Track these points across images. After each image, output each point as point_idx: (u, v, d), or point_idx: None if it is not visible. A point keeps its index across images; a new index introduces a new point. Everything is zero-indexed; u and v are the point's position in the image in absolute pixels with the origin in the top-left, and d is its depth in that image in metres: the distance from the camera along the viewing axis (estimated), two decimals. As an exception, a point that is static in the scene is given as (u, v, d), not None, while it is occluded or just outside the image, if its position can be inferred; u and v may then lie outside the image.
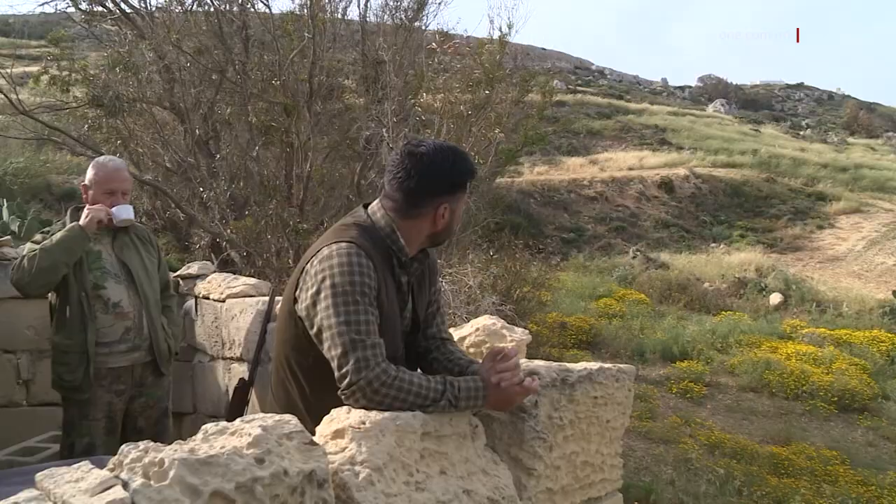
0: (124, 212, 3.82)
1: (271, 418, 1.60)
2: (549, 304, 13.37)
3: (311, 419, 1.95)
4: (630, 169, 34.97)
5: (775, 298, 18.24)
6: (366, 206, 2.36)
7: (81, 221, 3.71)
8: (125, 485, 1.35)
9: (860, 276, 25.27)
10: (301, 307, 2.15)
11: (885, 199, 36.70)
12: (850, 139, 57.94)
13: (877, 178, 39.70)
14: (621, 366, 2.33)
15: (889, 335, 14.74)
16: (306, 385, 2.23)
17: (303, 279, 2.16)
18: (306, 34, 8.13)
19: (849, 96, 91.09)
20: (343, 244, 2.13)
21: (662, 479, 8.30)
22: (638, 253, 22.14)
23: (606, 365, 2.31)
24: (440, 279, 7.49)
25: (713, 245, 28.16)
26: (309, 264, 2.16)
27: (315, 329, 2.09)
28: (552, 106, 36.15)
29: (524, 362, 2.28)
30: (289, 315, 2.22)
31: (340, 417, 1.83)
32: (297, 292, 2.17)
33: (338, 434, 1.78)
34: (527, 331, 2.56)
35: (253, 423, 1.56)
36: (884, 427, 10.77)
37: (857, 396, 11.50)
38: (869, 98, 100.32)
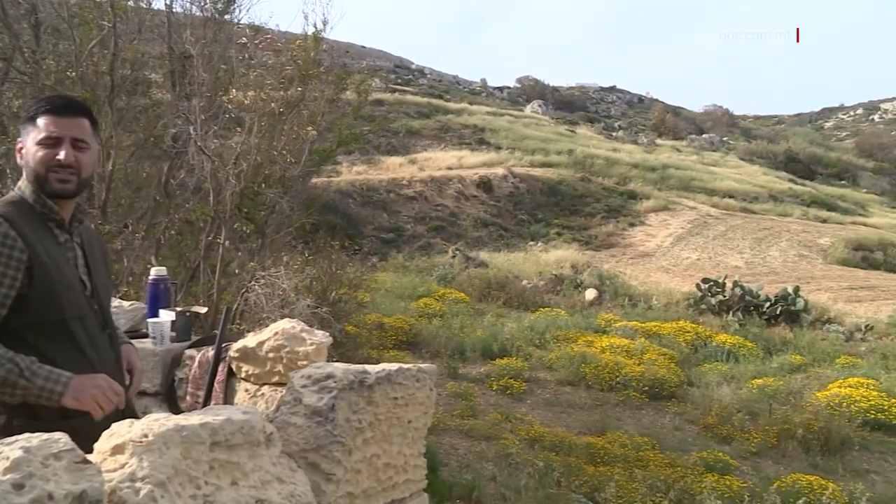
0: None
1: (37, 438, 1.48)
2: (369, 306, 13.38)
3: None
4: (449, 168, 35.58)
5: (590, 294, 19.07)
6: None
7: None
8: None
9: (668, 270, 26.88)
10: None
11: (689, 197, 39.26)
12: (658, 140, 61.54)
13: (682, 177, 42.40)
14: (421, 365, 2.34)
15: (693, 325, 15.77)
16: None
17: None
18: (106, 23, 7.71)
19: (657, 100, 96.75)
20: None
21: (484, 475, 8.47)
22: (457, 252, 22.50)
23: (406, 365, 2.32)
24: (253, 283, 7.31)
25: (531, 243, 29.13)
26: None
27: None
28: (370, 105, 36.32)
29: (322, 365, 2.25)
30: None
31: (121, 432, 1.72)
32: None
33: (117, 449, 1.68)
34: (327, 333, 2.53)
35: (14, 445, 1.44)
36: (689, 412, 11.50)
37: (666, 384, 12.22)
38: (674, 102, 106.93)
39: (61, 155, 2.27)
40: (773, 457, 10.26)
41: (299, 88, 9.12)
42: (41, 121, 2.28)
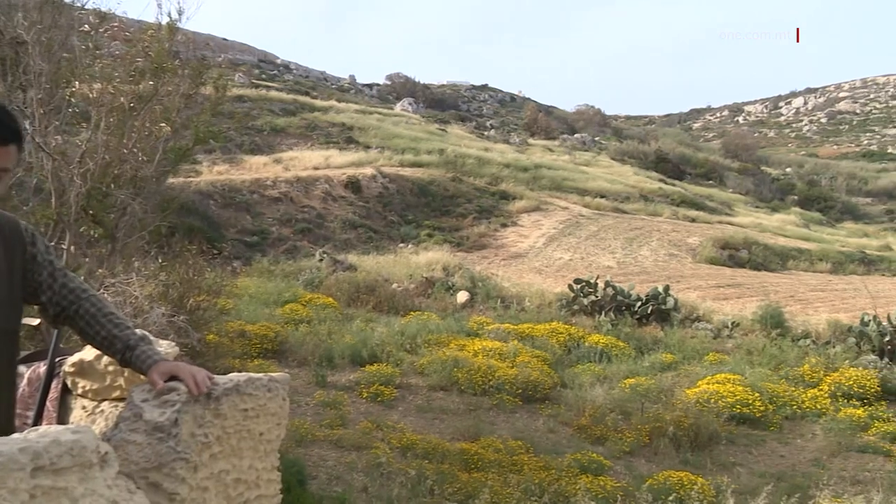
0: None
1: None
2: (231, 313, 13.08)
3: None
4: (316, 168, 35.20)
5: (462, 296, 19.23)
6: None
7: None
8: None
9: (540, 271, 27.45)
10: None
11: (561, 197, 40.26)
12: (531, 140, 62.80)
13: (554, 177, 43.41)
14: (273, 375, 2.27)
15: (566, 326, 16.13)
16: None
17: None
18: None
19: (529, 99, 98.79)
20: None
21: (355, 487, 8.41)
22: (325, 255, 22.30)
23: (256, 375, 2.24)
24: (101, 283, 7.00)
25: (401, 245, 29.21)
26: None
27: None
28: (232, 101, 35.42)
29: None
30: None
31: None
32: None
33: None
34: (173, 343, 2.42)
35: None
36: (562, 413, 11.76)
37: (539, 387, 12.44)
38: (547, 101, 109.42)
39: None
40: (645, 455, 10.62)
41: (151, 82, 8.80)
42: None
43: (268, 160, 35.85)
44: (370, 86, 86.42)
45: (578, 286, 19.14)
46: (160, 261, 9.02)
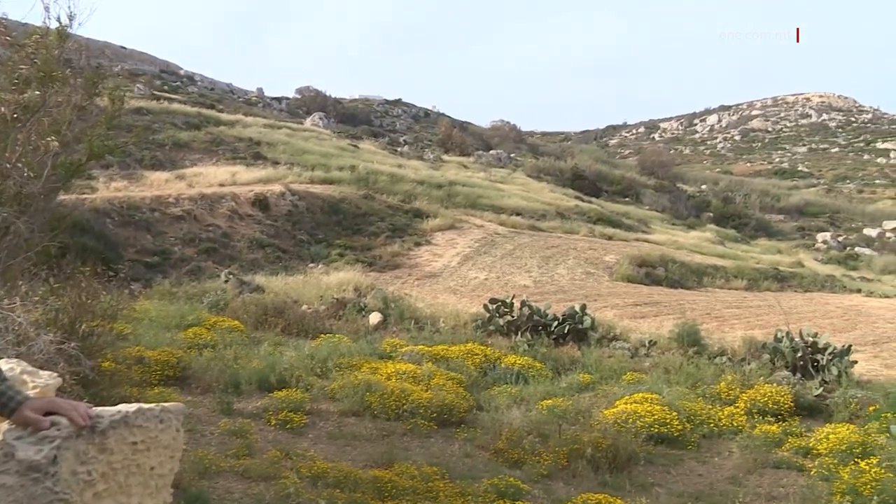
0: None
1: None
2: (130, 338, 12.73)
3: None
4: (221, 185, 34.71)
5: (375, 318, 19.11)
6: None
7: None
8: None
9: (455, 291, 27.52)
10: None
11: (476, 215, 40.52)
12: (445, 157, 63.15)
13: (469, 194, 43.70)
14: (166, 404, 2.18)
15: (482, 347, 16.16)
16: None
17: None
18: None
19: (443, 114, 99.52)
20: None
21: (262, 520, 8.26)
22: (230, 276, 21.94)
23: (147, 405, 2.14)
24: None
25: (311, 265, 28.95)
26: None
27: None
28: (131, 113, 34.67)
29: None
30: None
31: None
32: None
33: None
34: (55, 374, 2.30)
35: None
36: (479, 437, 11.75)
37: (455, 410, 12.42)
38: (461, 117, 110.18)
39: None
40: (563, 478, 10.68)
41: (38, 91, 8.51)
42: None
43: (170, 176, 35.18)
44: (279, 99, 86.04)
45: (494, 306, 19.21)
46: (50, 283, 8.69)
